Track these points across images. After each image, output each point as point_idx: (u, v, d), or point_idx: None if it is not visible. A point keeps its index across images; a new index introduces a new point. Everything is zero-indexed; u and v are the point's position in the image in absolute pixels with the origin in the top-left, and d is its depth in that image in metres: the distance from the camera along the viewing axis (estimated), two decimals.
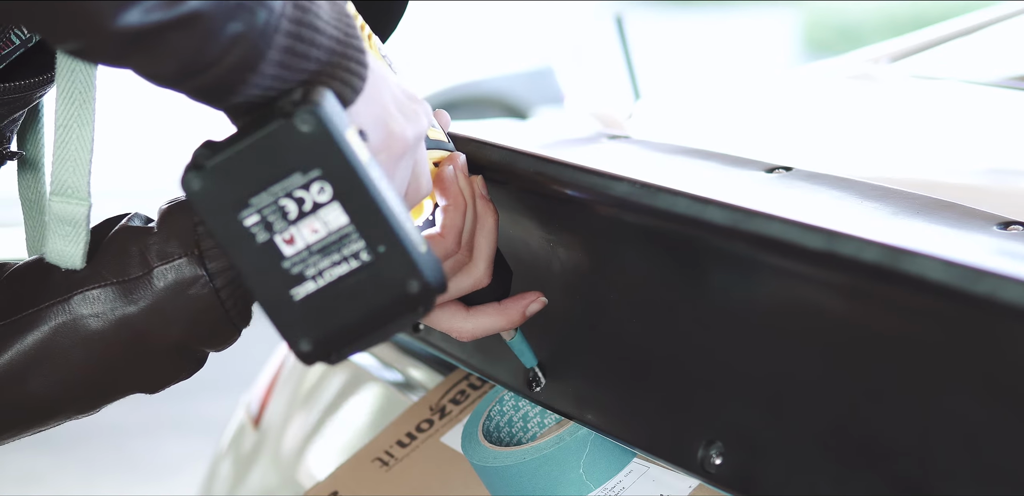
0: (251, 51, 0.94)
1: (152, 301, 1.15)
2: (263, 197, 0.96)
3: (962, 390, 0.93)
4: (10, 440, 1.20)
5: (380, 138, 1.04)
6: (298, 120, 0.95)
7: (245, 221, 0.96)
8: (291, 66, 0.97)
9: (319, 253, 0.97)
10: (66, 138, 1.13)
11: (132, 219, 1.18)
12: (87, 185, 1.14)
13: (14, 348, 1.15)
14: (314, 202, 0.96)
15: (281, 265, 0.97)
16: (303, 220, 0.96)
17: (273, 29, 0.95)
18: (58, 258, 1.15)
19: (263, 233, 0.97)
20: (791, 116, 1.65)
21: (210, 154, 0.96)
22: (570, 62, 5.86)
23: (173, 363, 1.17)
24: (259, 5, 0.94)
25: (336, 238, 0.97)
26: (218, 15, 0.92)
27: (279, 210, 0.96)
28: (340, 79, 1.00)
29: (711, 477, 1.11)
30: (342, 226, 0.97)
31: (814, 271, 1.01)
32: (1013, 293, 0.88)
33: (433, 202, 1.21)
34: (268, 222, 0.96)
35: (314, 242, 0.97)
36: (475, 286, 1.20)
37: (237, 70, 0.95)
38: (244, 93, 0.97)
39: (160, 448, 4.16)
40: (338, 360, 0.99)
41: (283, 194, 0.96)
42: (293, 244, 0.97)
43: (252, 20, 0.94)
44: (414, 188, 1.11)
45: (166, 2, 0.91)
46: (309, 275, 0.97)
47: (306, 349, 0.98)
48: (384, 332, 0.99)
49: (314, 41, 0.98)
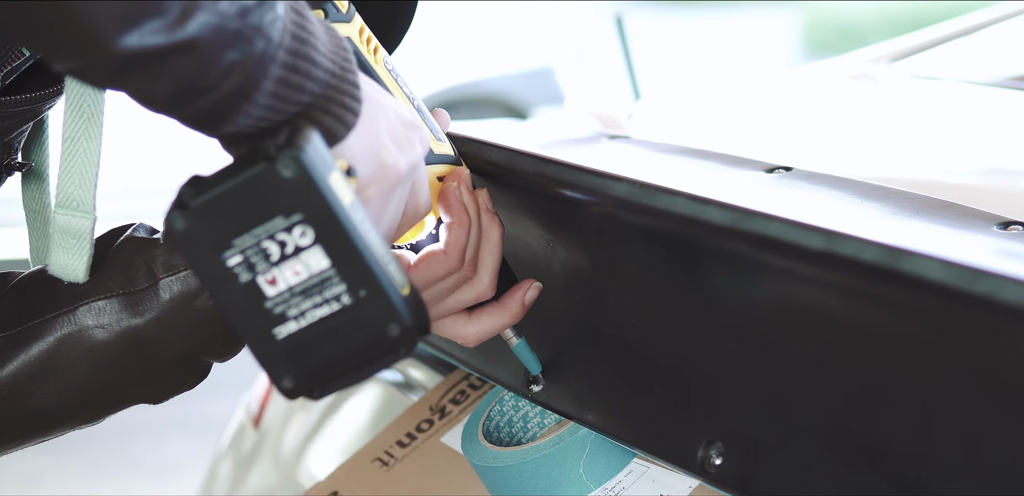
0: (246, 80, 0.94)
1: (158, 313, 1.15)
2: (246, 238, 0.97)
3: (962, 390, 0.93)
4: (14, 450, 1.20)
5: (372, 171, 1.04)
6: (280, 165, 0.96)
7: (228, 261, 0.97)
8: (285, 97, 0.97)
9: (301, 294, 0.98)
10: (73, 151, 1.14)
11: (137, 230, 1.18)
12: (92, 198, 1.14)
13: (19, 359, 1.15)
14: (296, 245, 0.97)
15: (263, 305, 0.98)
16: (285, 262, 0.97)
17: (270, 59, 0.95)
18: (61, 271, 1.15)
19: (246, 273, 0.97)
20: (791, 116, 1.65)
21: (194, 193, 0.97)
22: (570, 62, 5.85)
23: (177, 374, 1.18)
24: (258, 35, 0.94)
25: (318, 281, 0.97)
26: (217, 42, 0.92)
27: (261, 252, 0.97)
28: (332, 114, 1.00)
29: (711, 477, 1.11)
30: (323, 269, 0.97)
31: (814, 271, 1.01)
32: (1013, 293, 0.88)
33: (436, 217, 1.21)
34: (251, 263, 0.97)
35: (296, 284, 0.97)
36: (478, 299, 1.20)
37: (231, 98, 0.95)
38: (236, 123, 0.97)
39: (161, 448, 4.16)
40: (320, 396, 1.00)
41: (265, 236, 0.97)
42: (275, 285, 0.97)
43: (250, 49, 0.94)
44: (412, 208, 1.11)
45: (167, 26, 0.91)
46: (291, 315, 0.98)
47: (288, 386, 0.99)
48: (366, 371, 1.00)
49: (310, 73, 0.98)
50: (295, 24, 0.97)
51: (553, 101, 5.69)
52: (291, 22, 0.96)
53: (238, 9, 0.93)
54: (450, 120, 1.25)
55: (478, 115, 5.69)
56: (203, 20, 0.91)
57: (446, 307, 1.20)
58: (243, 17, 0.93)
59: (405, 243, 1.21)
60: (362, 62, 1.15)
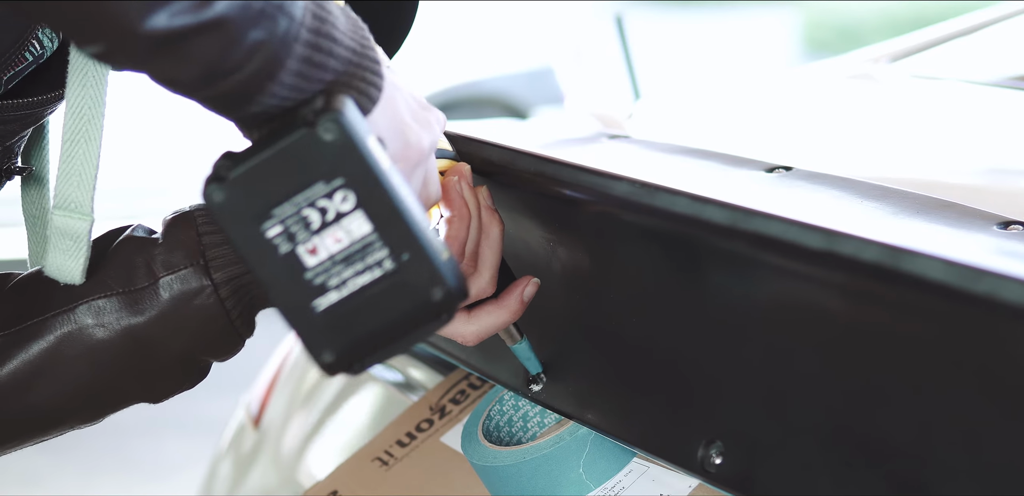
0: (271, 59, 0.95)
1: (158, 311, 1.15)
2: (286, 207, 0.96)
3: (962, 390, 0.93)
4: (13, 449, 1.20)
5: (397, 147, 1.04)
6: (321, 129, 0.95)
7: (267, 233, 0.96)
8: (309, 76, 0.97)
9: (342, 262, 0.96)
10: (72, 153, 1.14)
11: (135, 230, 1.18)
12: (90, 200, 1.14)
13: (19, 358, 1.15)
14: (337, 211, 0.96)
15: (304, 276, 0.96)
16: (326, 230, 0.96)
17: (293, 38, 0.95)
18: (57, 273, 1.15)
19: (286, 244, 0.96)
20: (791, 116, 1.65)
21: (231, 165, 0.96)
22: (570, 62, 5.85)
23: (177, 373, 1.18)
24: (281, 14, 0.94)
25: (360, 247, 0.96)
26: (242, 21, 0.93)
27: (302, 220, 0.96)
28: (357, 89, 1.00)
29: (711, 477, 1.11)
30: (365, 234, 0.96)
31: (814, 271, 1.01)
32: (1013, 293, 0.88)
33: (439, 212, 1.21)
34: (291, 233, 0.96)
35: (337, 252, 0.96)
36: (479, 296, 1.20)
37: (256, 78, 0.95)
38: (261, 102, 0.97)
39: (160, 448, 4.16)
40: (360, 370, 0.99)
41: (306, 204, 0.96)
42: (316, 254, 0.96)
43: (274, 28, 0.94)
44: (424, 196, 1.11)
45: (193, 6, 0.91)
46: (332, 285, 0.97)
47: (329, 360, 0.98)
48: (407, 341, 0.99)
49: (332, 51, 0.98)
50: (315, 3, 0.97)
51: (553, 101, 5.69)
52: (311, 1, 0.97)
53: None
54: (446, 120, 1.25)
55: (478, 115, 5.69)
56: None
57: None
58: None
59: None
60: None
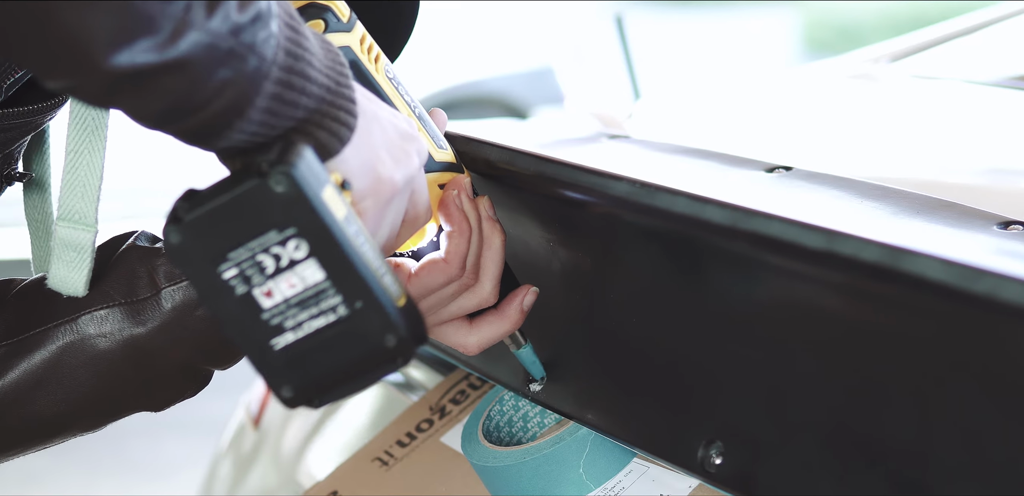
0: (239, 97, 0.94)
1: (160, 322, 1.16)
2: (241, 252, 0.97)
3: (962, 389, 0.93)
4: (15, 457, 1.20)
5: (367, 184, 1.04)
6: (272, 181, 0.96)
7: (224, 274, 0.97)
8: (279, 113, 0.97)
9: (297, 306, 0.98)
10: (76, 164, 1.14)
11: (139, 238, 1.19)
12: (95, 212, 1.15)
13: (21, 367, 1.15)
14: (290, 259, 0.97)
15: (260, 317, 0.98)
16: (280, 275, 0.98)
17: (263, 76, 0.95)
18: (61, 285, 1.15)
19: (241, 286, 0.98)
20: (791, 116, 1.65)
21: (189, 207, 0.97)
22: (570, 62, 5.85)
23: (179, 382, 1.18)
24: (251, 53, 0.94)
25: (313, 293, 0.98)
26: (208, 61, 0.92)
27: (256, 265, 0.97)
28: (327, 128, 1.00)
29: (711, 477, 1.11)
30: (318, 282, 0.98)
31: (814, 271, 1.01)
32: (1013, 292, 0.88)
33: (437, 224, 1.21)
34: (246, 276, 0.98)
35: (292, 296, 0.98)
36: (481, 305, 1.20)
37: (224, 115, 0.95)
38: (229, 138, 0.96)
39: (160, 448, 4.16)
40: (320, 405, 1.01)
41: (260, 250, 0.97)
42: (271, 297, 0.98)
43: (242, 67, 0.93)
44: (412, 217, 1.11)
45: (158, 45, 0.90)
46: (288, 327, 0.98)
47: (288, 395, 1.00)
48: (364, 381, 1.01)
49: (304, 89, 0.98)
50: (289, 40, 0.96)
51: (553, 101, 5.69)
52: (285, 38, 0.96)
53: (230, 27, 0.92)
54: (447, 120, 1.25)
55: (478, 115, 5.69)
56: (195, 39, 0.91)
57: (448, 313, 1.20)
58: (236, 36, 0.92)
59: (406, 251, 1.21)
60: (362, 71, 1.15)
